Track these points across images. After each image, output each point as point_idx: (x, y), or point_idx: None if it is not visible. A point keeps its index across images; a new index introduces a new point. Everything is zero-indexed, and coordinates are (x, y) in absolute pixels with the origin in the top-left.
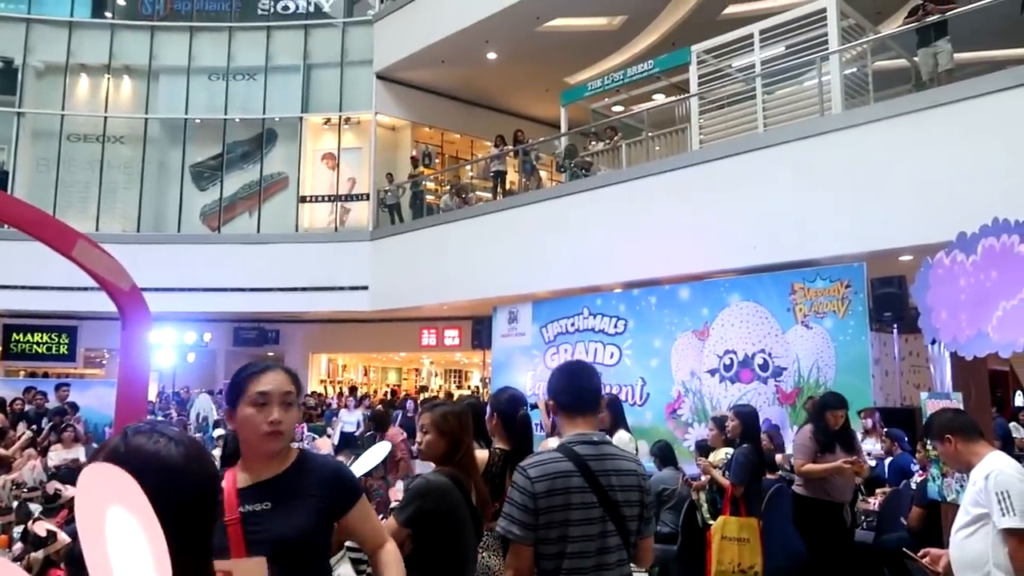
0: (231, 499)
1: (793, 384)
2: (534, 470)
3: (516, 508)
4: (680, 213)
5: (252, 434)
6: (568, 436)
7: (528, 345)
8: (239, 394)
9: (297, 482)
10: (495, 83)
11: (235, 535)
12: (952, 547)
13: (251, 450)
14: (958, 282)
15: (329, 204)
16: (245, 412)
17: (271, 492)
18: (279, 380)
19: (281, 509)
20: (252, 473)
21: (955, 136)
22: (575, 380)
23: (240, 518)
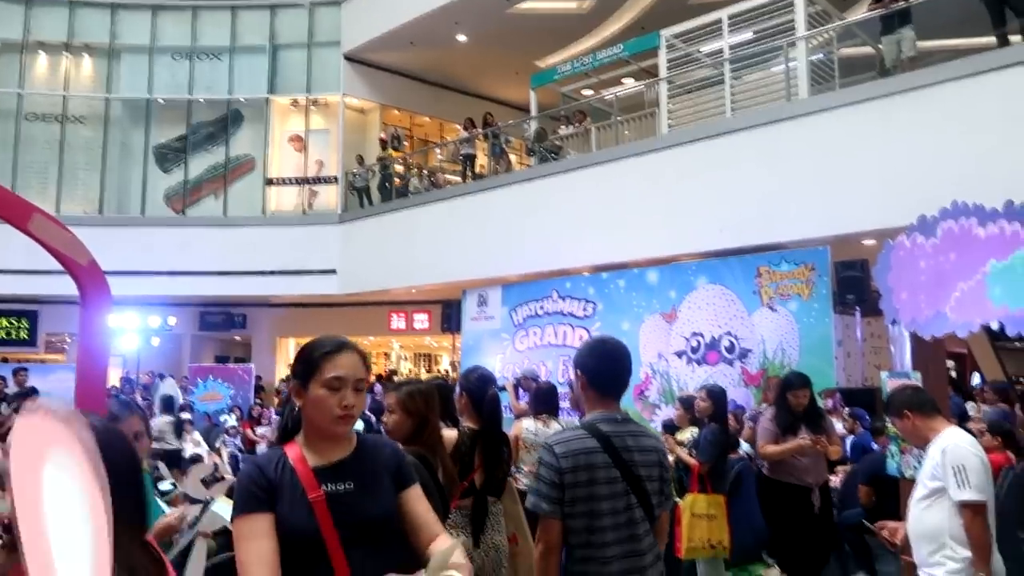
0: (309, 477)
1: (758, 366)
2: (560, 447)
3: (544, 484)
4: (649, 197)
5: (324, 416)
6: (592, 415)
7: (497, 328)
8: (311, 373)
9: (370, 463)
10: (465, 66)
11: (323, 513)
12: (909, 520)
13: (319, 432)
14: (918, 264)
15: (297, 187)
16: (318, 393)
17: (350, 473)
18: (354, 365)
19: (364, 489)
20: (322, 454)
21: (917, 122)
22: (615, 365)
23: (324, 497)
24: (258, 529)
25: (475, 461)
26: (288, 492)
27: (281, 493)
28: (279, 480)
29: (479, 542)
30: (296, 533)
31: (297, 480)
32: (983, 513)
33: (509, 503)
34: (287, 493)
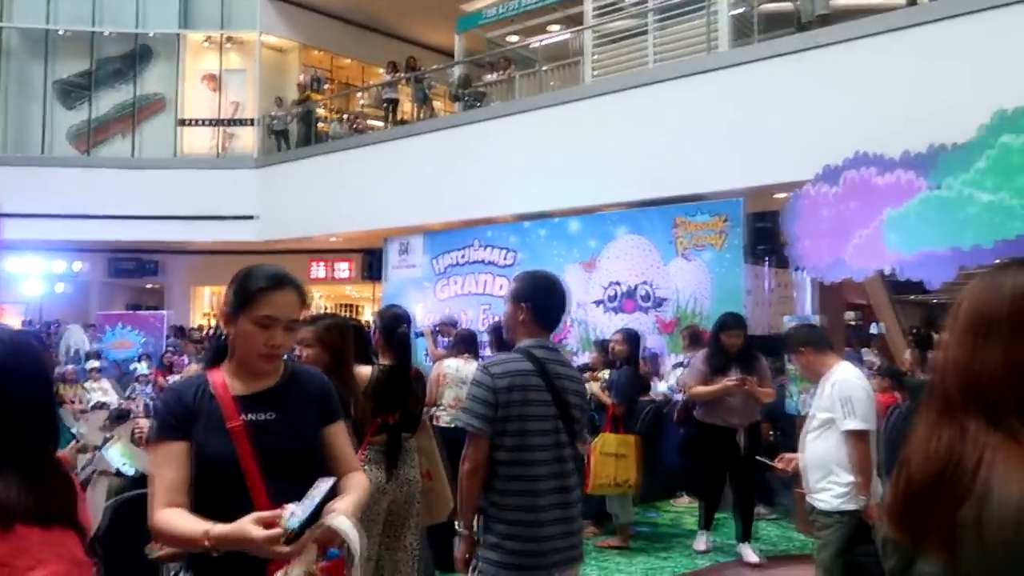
0: (229, 405)
1: (672, 314)
2: (496, 367)
3: (477, 403)
4: (572, 146)
5: (249, 351)
6: (527, 342)
7: (419, 277)
8: (244, 306)
9: (296, 392)
10: (389, 6)
11: (242, 442)
12: (802, 449)
13: (245, 364)
14: (821, 212)
15: (211, 128)
16: (246, 328)
17: (273, 402)
18: (290, 304)
19: (286, 419)
20: (247, 383)
21: (828, 77)
22: (559, 299)
23: (244, 426)
24: (169, 456)
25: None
26: (206, 419)
27: (199, 420)
28: (197, 407)
29: (391, 476)
30: (213, 461)
31: (217, 407)
32: (866, 441)
33: (424, 440)
34: (205, 420)
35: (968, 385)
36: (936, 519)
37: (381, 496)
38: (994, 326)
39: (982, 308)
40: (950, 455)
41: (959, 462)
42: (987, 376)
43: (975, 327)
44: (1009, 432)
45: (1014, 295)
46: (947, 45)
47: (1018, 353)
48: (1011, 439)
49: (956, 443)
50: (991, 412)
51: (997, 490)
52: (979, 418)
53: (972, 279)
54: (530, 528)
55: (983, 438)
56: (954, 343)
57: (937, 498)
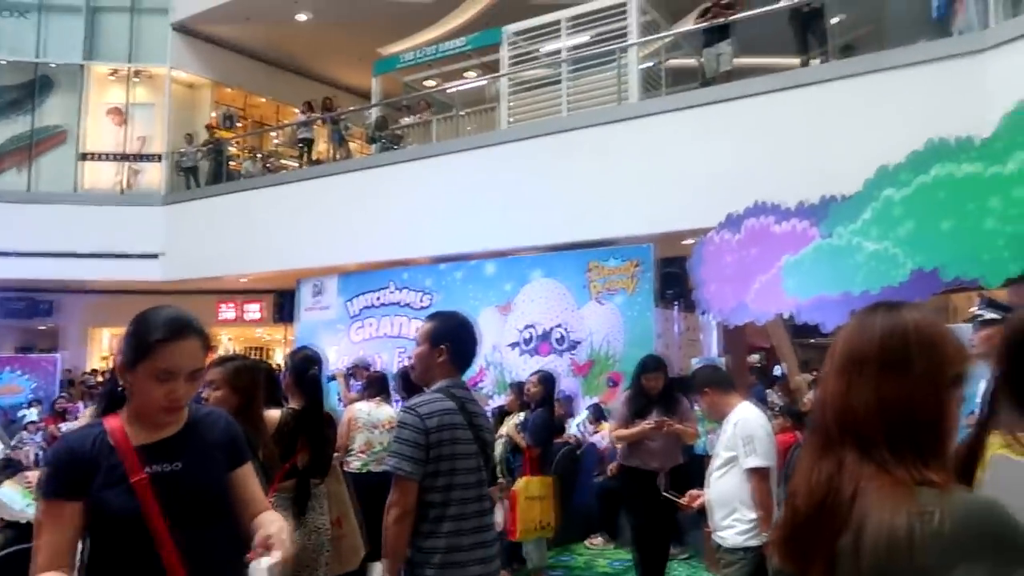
0: (131, 457)
1: (586, 356)
2: (424, 408)
3: (407, 445)
4: (488, 190)
5: (147, 405)
6: (443, 383)
7: (333, 319)
8: (140, 357)
9: (201, 438)
10: (305, 47)
11: (147, 496)
12: (708, 487)
13: (144, 416)
14: (725, 258)
15: (116, 163)
16: (143, 382)
17: (178, 450)
18: (191, 355)
19: (193, 468)
20: (147, 431)
21: (731, 130)
22: (474, 342)
23: (148, 478)
24: (56, 517)
25: (297, 442)
26: (106, 473)
27: (97, 474)
28: (95, 460)
29: (299, 524)
30: (117, 518)
31: (117, 459)
32: (767, 478)
33: (334, 485)
34: (105, 475)
35: (844, 421)
36: (819, 549)
37: None
38: (865, 365)
39: (854, 348)
40: (830, 487)
41: (838, 493)
42: (860, 412)
43: (849, 366)
44: (881, 464)
45: (882, 336)
46: (836, 104)
47: (887, 390)
48: (883, 470)
49: (835, 475)
50: (864, 445)
51: (870, 519)
52: (854, 451)
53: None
54: (459, 571)
55: (858, 470)
56: (831, 381)
57: (819, 528)
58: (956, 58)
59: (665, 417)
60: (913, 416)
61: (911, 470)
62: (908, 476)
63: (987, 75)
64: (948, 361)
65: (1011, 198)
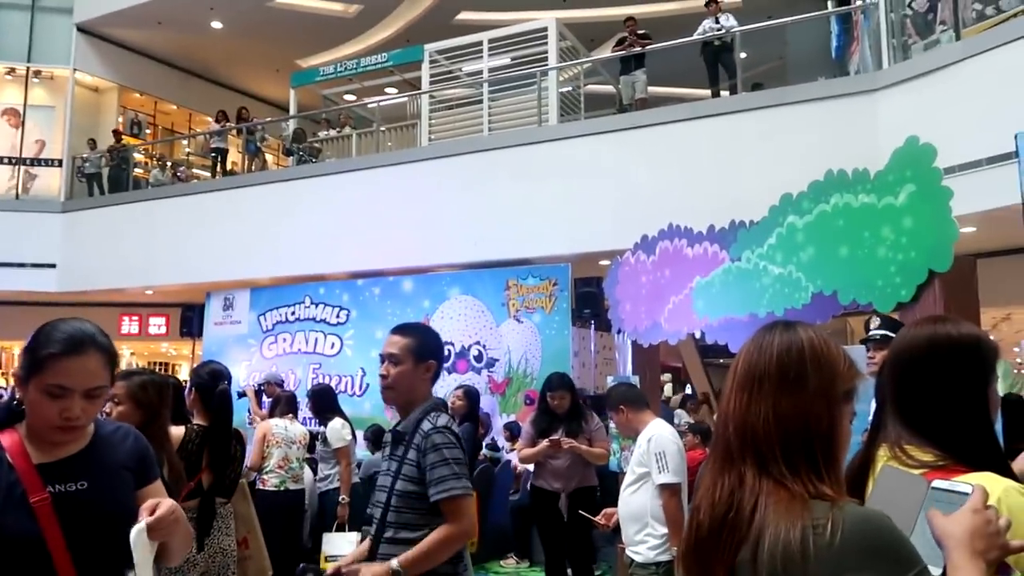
0: (30, 476)
1: (504, 374)
2: (455, 427)
3: (460, 464)
4: (407, 207)
5: (42, 422)
6: (434, 400)
7: (244, 334)
8: (32, 371)
9: (107, 455)
10: (220, 55)
11: (47, 518)
12: (620, 503)
13: (39, 434)
14: (640, 279)
15: (10, 168)
16: (37, 397)
17: (82, 469)
18: (89, 371)
19: (99, 486)
20: (48, 449)
21: (645, 155)
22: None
23: (50, 499)
24: None
25: (203, 460)
26: (4, 493)
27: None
28: None
29: (203, 545)
30: (14, 540)
31: (15, 478)
32: (679, 493)
33: (241, 505)
34: (4, 494)
35: (744, 436)
36: (719, 562)
37: (191, 568)
38: (763, 382)
39: (752, 366)
40: (731, 501)
41: (738, 508)
42: (759, 427)
43: (748, 383)
44: (778, 478)
45: (779, 353)
46: (743, 134)
47: (783, 406)
48: (780, 485)
49: (736, 490)
50: (763, 460)
51: (767, 532)
52: (754, 466)
53: None
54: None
55: (757, 484)
56: (732, 398)
57: (720, 542)
58: (852, 96)
59: (567, 436)
60: (808, 431)
61: (806, 484)
62: (803, 489)
63: (879, 112)
64: (840, 377)
65: (902, 228)
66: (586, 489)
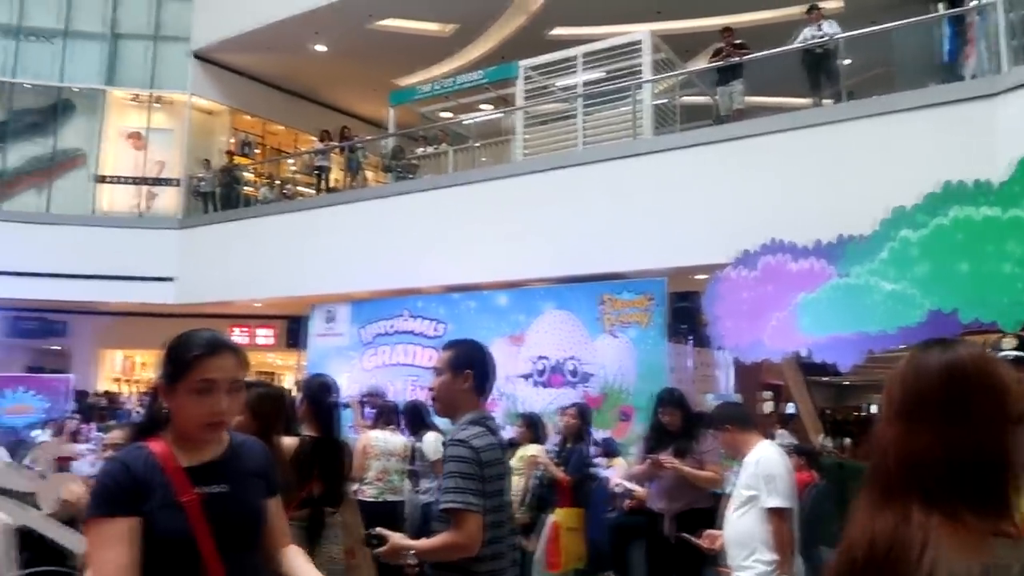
0: (180, 478)
1: (599, 389)
2: (477, 441)
3: (469, 480)
4: (501, 221)
5: (192, 422)
6: (475, 414)
7: (345, 346)
8: (180, 373)
9: (243, 463)
10: (323, 77)
11: (197, 516)
12: (726, 527)
13: (188, 436)
14: (741, 294)
15: (133, 187)
16: (187, 398)
17: (223, 474)
18: (228, 365)
19: (238, 491)
20: (192, 454)
21: (743, 167)
22: (493, 368)
23: (198, 499)
24: (116, 535)
25: (313, 471)
26: (158, 493)
27: (150, 494)
28: (148, 480)
29: (314, 554)
30: (168, 537)
31: (167, 480)
32: (788, 519)
33: (348, 515)
34: (157, 494)
35: (907, 468)
36: None
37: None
38: (926, 408)
39: (911, 391)
40: (894, 537)
41: (904, 545)
42: (925, 459)
43: (907, 410)
44: (950, 514)
45: (941, 375)
46: (847, 145)
47: (950, 435)
48: (952, 520)
49: (900, 525)
50: (930, 495)
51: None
52: (920, 500)
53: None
54: None
55: (926, 520)
56: (889, 426)
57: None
58: (967, 102)
59: (675, 455)
60: (980, 460)
61: (982, 519)
62: (981, 526)
63: (998, 119)
64: (1011, 398)
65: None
66: (696, 512)
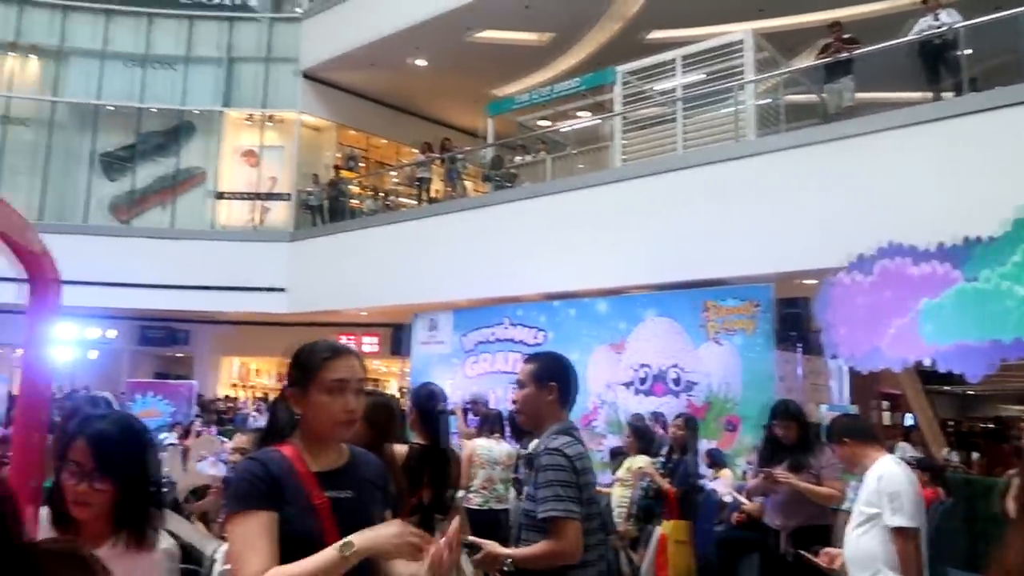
0: (311, 481)
1: (704, 398)
2: (569, 450)
3: (568, 488)
4: (601, 228)
5: (326, 422)
6: (561, 424)
7: (448, 353)
8: (312, 377)
9: (364, 472)
10: (423, 90)
11: (328, 519)
12: (846, 545)
13: (320, 436)
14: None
15: (248, 202)
16: (319, 399)
17: (349, 480)
18: (355, 367)
19: (362, 498)
20: (319, 460)
21: (855, 167)
22: (576, 380)
23: (328, 503)
24: (260, 526)
25: (423, 478)
26: (292, 494)
27: (284, 494)
28: (284, 479)
29: None
30: (300, 539)
31: (299, 483)
32: (915, 539)
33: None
34: (290, 495)
35: None
36: None
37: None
38: None
39: None
40: None
41: None
42: None
43: None
44: None
45: None
46: (971, 140)
47: None
48: None
49: None
50: None
51: None
52: None
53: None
54: None
55: None
56: None
57: None
58: None
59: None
60: None
61: None
62: None
63: None
64: None
65: None
66: (814, 528)
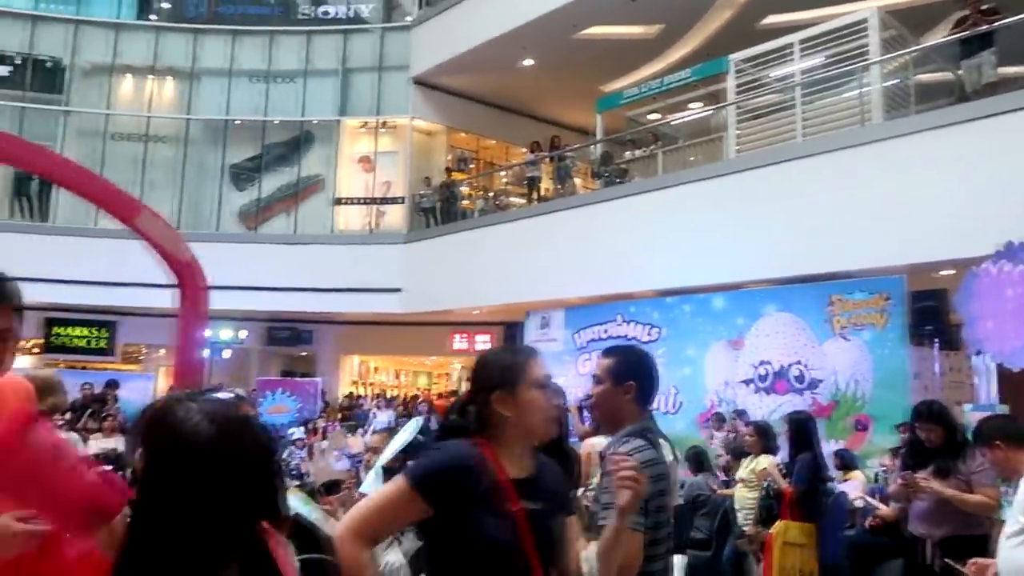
0: (510, 487)
1: (830, 397)
2: (638, 456)
3: None
4: (715, 222)
5: (538, 418)
6: (637, 425)
7: (560, 351)
8: (518, 377)
9: (551, 482)
10: (531, 89)
11: (525, 529)
12: (1000, 556)
13: (530, 435)
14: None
15: (364, 206)
16: (531, 395)
17: (540, 490)
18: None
19: (550, 508)
20: (513, 465)
21: (997, 149)
22: (657, 377)
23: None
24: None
25: None
26: (484, 497)
27: (475, 493)
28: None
29: None
30: (495, 544)
31: (494, 486)
32: None
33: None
34: (482, 497)
35: None
36: None
37: None
38: None
39: None
40: None
41: None
42: None
43: None
44: None
45: None
46: None
47: None
48: None
49: None
50: None
51: None
52: None
53: None
54: None
55: None
56: None
57: None
58: None
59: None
60: None
61: None
62: None
63: None
64: None
65: None
66: (968, 539)
